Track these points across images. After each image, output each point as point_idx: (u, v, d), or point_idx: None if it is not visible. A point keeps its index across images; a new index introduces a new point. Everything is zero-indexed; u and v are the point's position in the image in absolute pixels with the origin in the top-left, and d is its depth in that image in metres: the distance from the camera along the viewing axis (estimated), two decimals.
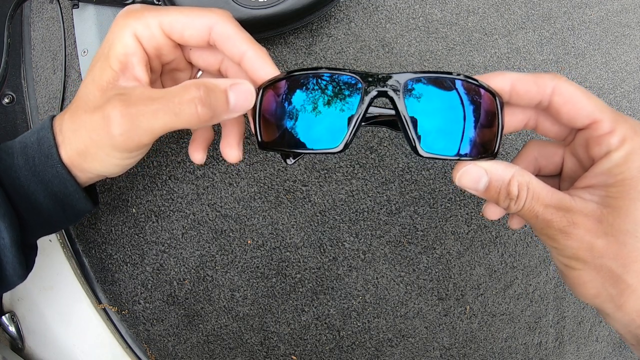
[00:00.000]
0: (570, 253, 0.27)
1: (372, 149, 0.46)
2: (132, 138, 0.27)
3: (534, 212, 0.28)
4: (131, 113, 0.27)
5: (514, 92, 0.29)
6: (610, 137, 0.27)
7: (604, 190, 0.27)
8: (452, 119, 0.29)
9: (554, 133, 0.31)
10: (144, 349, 0.43)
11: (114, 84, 0.29)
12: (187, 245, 0.43)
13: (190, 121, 0.27)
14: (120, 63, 0.29)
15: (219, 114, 0.28)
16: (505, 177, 0.28)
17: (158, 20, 0.29)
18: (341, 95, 0.28)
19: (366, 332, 0.45)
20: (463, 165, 0.29)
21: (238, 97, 0.28)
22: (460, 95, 0.29)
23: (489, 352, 0.48)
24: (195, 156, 0.35)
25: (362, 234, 0.45)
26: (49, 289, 0.42)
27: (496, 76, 0.29)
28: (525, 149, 0.34)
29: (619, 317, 0.27)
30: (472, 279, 0.47)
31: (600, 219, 0.26)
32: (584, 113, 0.28)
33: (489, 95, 0.29)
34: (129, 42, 0.29)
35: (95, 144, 0.28)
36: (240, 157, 0.33)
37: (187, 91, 0.27)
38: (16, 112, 0.44)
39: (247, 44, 0.29)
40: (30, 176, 0.30)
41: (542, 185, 0.28)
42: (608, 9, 0.56)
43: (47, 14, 0.46)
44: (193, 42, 0.30)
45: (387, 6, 0.49)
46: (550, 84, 0.28)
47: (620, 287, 0.27)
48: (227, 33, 0.29)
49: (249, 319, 0.44)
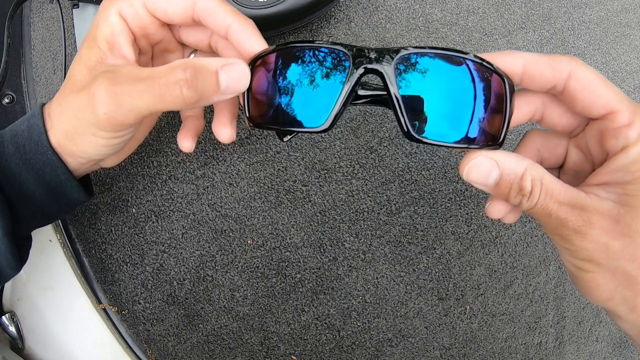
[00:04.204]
0: (585, 255, 0.25)
1: (372, 149, 0.46)
2: (117, 117, 0.27)
3: (547, 210, 0.25)
4: (116, 92, 0.26)
5: (526, 75, 0.27)
6: (628, 130, 0.25)
7: (620, 187, 0.25)
8: (452, 102, 0.26)
9: (562, 125, 0.29)
10: (144, 349, 0.43)
11: (102, 62, 0.28)
12: (187, 245, 0.43)
13: (175, 103, 0.26)
14: (107, 42, 0.28)
15: (207, 96, 0.26)
16: (518, 170, 0.25)
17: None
18: (331, 70, 0.26)
19: (366, 332, 0.45)
20: (471, 158, 0.26)
21: (230, 79, 0.26)
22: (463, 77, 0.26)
23: (489, 352, 0.48)
24: (184, 143, 0.34)
25: (362, 234, 0.45)
26: (49, 289, 0.42)
27: (506, 55, 0.26)
28: (526, 139, 0.31)
29: (632, 319, 0.26)
30: (472, 279, 0.47)
31: (617, 218, 0.25)
32: (601, 102, 0.26)
33: (497, 78, 0.26)
34: (115, 21, 0.28)
35: (82, 124, 0.28)
36: (233, 137, 0.32)
37: (173, 72, 0.26)
38: (16, 112, 0.44)
39: (232, 16, 0.28)
40: (21, 164, 0.30)
41: (556, 181, 0.26)
42: (608, 9, 0.56)
43: (47, 14, 0.46)
44: (177, 20, 0.29)
45: (387, 6, 0.49)
46: (567, 68, 0.26)
47: (636, 289, 0.25)
48: (210, 6, 0.28)
49: (249, 319, 0.44)
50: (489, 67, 0.26)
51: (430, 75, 0.26)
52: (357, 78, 0.26)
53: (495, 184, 0.26)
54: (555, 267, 0.50)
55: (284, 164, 0.45)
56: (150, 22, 0.29)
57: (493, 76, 0.26)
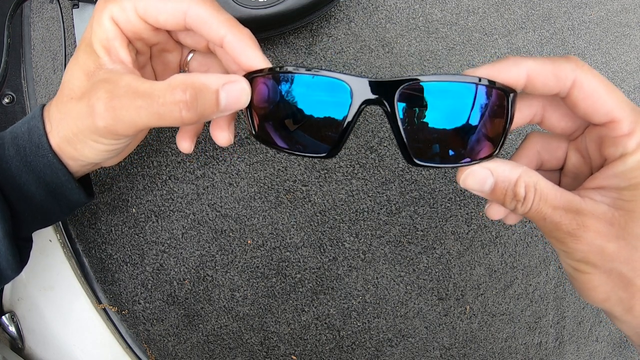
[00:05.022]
0: (580, 257, 0.26)
1: (372, 149, 0.46)
2: (116, 130, 0.27)
3: (541, 214, 0.26)
4: (115, 106, 0.26)
5: (530, 84, 0.27)
6: (628, 140, 0.26)
7: (616, 192, 0.26)
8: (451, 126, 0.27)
9: (561, 128, 0.30)
10: (144, 349, 0.43)
11: (100, 68, 0.28)
12: (187, 245, 0.43)
13: (173, 123, 0.26)
14: (104, 48, 0.28)
15: (207, 115, 0.26)
16: (511, 177, 0.27)
17: (133, 4, 0.28)
18: (331, 100, 0.27)
19: (366, 332, 0.45)
20: (467, 166, 0.27)
21: (230, 97, 0.26)
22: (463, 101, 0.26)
23: (489, 352, 0.48)
24: (183, 145, 0.34)
25: (362, 234, 0.45)
26: (49, 289, 0.42)
27: (510, 66, 0.26)
28: (527, 141, 0.32)
29: (629, 320, 0.27)
30: (472, 279, 0.47)
31: (612, 221, 0.25)
32: (604, 111, 0.26)
33: (500, 93, 0.27)
34: (108, 26, 0.28)
35: (82, 132, 0.28)
36: (231, 141, 0.31)
37: (173, 93, 0.25)
38: (16, 112, 0.44)
39: (226, 27, 0.27)
40: (21, 166, 0.30)
41: (550, 186, 0.27)
42: (608, 9, 0.56)
43: (47, 14, 0.46)
44: (169, 27, 0.29)
45: (387, 6, 0.49)
46: (571, 76, 0.26)
47: (631, 291, 0.26)
48: (202, 16, 0.27)
49: (249, 319, 0.44)
50: (492, 86, 0.26)
51: (431, 104, 0.26)
52: (358, 111, 0.26)
53: (491, 190, 0.27)
54: (555, 267, 0.50)
55: (284, 164, 0.45)
56: (143, 27, 0.29)
57: (494, 93, 0.27)
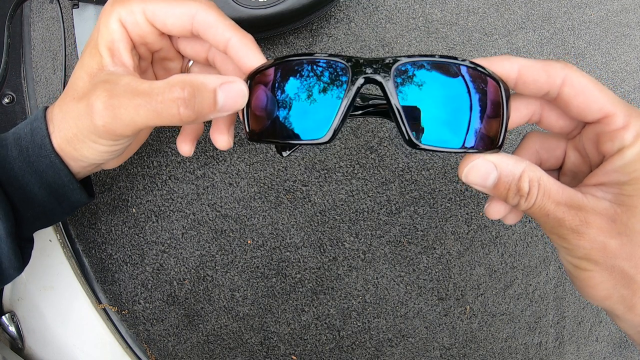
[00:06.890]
0: (582, 254, 0.26)
1: (372, 149, 0.46)
2: (115, 129, 0.27)
3: (544, 210, 0.26)
4: (113, 105, 0.26)
5: (521, 81, 0.27)
6: (624, 133, 0.26)
7: (617, 188, 0.26)
8: (451, 108, 0.26)
9: (559, 127, 0.30)
10: (144, 349, 0.43)
11: (102, 69, 0.28)
12: (187, 245, 0.43)
13: (172, 121, 0.26)
14: (108, 49, 0.29)
15: (204, 114, 0.26)
16: (515, 172, 0.26)
17: (142, 7, 0.28)
18: (329, 83, 0.26)
19: (366, 332, 0.45)
20: (470, 160, 0.27)
21: (228, 98, 0.27)
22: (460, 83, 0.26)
23: (489, 352, 0.48)
24: (183, 147, 0.34)
25: (362, 234, 0.45)
26: (49, 289, 0.42)
27: (502, 60, 0.27)
28: (525, 141, 0.32)
29: (630, 318, 0.27)
30: (472, 279, 0.47)
31: (614, 218, 0.25)
32: (596, 107, 0.26)
33: (493, 83, 0.27)
34: (115, 28, 0.28)
35: (82, 132, 0.28)
36: (230, 144, 0.32)
37: (171, 90, 0.26)
38: (16, 112, 0.44)
39: (231, 31, 0.28)
40: (24, 167, 0.30)
41: (553, 182, 0.26)
42: (608, 9, 0.56)
43: (47, 14, 0.46)
44: (176, 31, 0.29)
45: (387, 6, 0.49)
46: (561, 74, 0.26)
47: (633, 288, 0.26)
48: (209, 21, 0.28)
49: (249, 319, 0.44)
50: (484, 72, 0.26)
51: (428, 83, 0.26)
52: (357, 89, 0.26)
53: (494, 185, 0.27)
54: (555, 267, 0.50)
55: (284, 164, 0.45)
56: (149, 31, 0.29)
57: (489, 81, 0.27)
